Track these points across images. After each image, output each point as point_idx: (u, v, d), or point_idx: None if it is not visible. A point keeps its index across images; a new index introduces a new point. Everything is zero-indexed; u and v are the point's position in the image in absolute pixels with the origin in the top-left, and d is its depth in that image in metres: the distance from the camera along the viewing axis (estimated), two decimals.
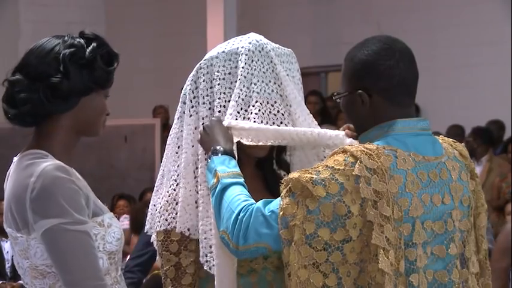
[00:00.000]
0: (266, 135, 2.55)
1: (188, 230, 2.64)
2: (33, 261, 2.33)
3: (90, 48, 2.39)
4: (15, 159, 2.42)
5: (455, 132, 8.66)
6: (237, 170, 2.46)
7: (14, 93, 2.37)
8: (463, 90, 9.65)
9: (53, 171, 2.29)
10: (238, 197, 2.37)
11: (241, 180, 2.44)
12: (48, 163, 2.32)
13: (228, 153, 2.49)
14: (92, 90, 2.39)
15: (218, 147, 2.49)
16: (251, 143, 2.56)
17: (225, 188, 2.40)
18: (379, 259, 2.20)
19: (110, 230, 2.39)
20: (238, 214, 2.32)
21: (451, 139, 2.52)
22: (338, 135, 2.63)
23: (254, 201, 2.36)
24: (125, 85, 7.62)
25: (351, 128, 2.66)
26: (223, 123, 2.56)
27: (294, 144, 2.64)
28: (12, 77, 2.38)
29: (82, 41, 2.40)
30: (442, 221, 2.34)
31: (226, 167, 2.45)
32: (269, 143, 2.57)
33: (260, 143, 2.56)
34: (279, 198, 2.30)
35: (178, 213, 2.65)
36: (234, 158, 2.49)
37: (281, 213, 2.26)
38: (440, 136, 2.52)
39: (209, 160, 2.49)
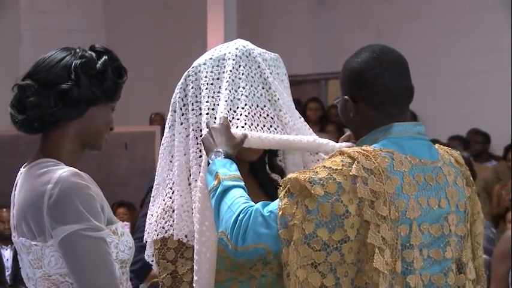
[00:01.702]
0: (278, 143, 2.57)
1: (186, 236, 2.64)
2: (47, 270, 2.31)
3: (101, 60, 2.40)
4: (23, 170, 2.40)
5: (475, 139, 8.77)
6: (238, 173, 2.47)
7: (23, 97, 2.35)
8: (463, 98, 9.64)
9: (71, 177, 2.28)
10: (238, 199, 2.38)
11: (242, 183, 2.45)
12: (64, 170, 2.31)
13: (229, 157, 2.50)
14: (100, 101, 2.40)
15: (220, 150, 2.49)
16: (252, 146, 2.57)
17: (226, 190, 2.41)
18: (374, 258, 2.21)
19: (122, 238, 2.39)
20: (238, 215, 2.33)
21: (447, 147, 2.55)
22: (334, 146, 2.63)
23: (254, 204, 2.37)
24: (125, 92, 7.58)
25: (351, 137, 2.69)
26: (240, 132, 2.53)
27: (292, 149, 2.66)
28: (23, 82, 2.37)
29: (93, 53, 2.41)
30: (438, 225, 2.36)
31: (228, 170, 2.45)
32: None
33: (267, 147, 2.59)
34: (278, 199, 2.31)
35: (175, 221, 2.65)
36: (235, 163, 2.51)
37: (280, 213, 2.28)
38: (437, 144, 2.55)
39: (210, 162, 2.49)
